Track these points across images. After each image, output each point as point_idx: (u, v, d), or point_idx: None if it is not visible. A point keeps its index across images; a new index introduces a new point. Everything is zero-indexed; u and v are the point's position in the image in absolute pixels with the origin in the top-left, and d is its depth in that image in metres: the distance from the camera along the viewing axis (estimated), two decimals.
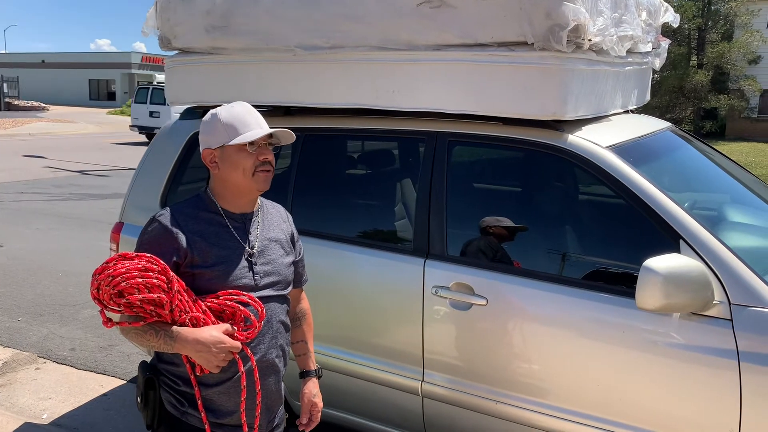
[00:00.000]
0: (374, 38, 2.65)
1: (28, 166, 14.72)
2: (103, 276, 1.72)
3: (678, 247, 2.19)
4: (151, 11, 3.20)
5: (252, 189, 1.91)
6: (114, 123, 32.23)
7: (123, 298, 1.71)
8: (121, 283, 1.70)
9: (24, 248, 7.28)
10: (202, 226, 1.90)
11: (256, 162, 1.87)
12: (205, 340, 1.75)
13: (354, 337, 2.80)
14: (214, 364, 1.78)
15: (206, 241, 1.88)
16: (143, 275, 1.72)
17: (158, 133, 3.47)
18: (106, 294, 1.72)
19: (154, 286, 1.72)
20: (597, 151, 2.42)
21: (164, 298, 1.73)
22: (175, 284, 1.76)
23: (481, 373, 2.52)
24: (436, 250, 2.63)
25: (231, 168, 1.88)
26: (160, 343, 1.77)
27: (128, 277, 1.71)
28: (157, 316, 1.76)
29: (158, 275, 1.73)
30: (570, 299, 2.35)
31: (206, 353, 1.76)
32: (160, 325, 1.77)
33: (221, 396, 1.90)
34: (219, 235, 1.90)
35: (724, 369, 2.09)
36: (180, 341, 1.75)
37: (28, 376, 4.12)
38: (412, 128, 2.79)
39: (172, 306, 1.75)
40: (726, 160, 3.43)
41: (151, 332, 1.77)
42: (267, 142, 1.92)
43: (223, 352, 1.77)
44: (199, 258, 1.86)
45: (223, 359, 1.78)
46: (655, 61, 3.44)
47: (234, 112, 1.89)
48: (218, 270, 1.87)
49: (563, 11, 2.25)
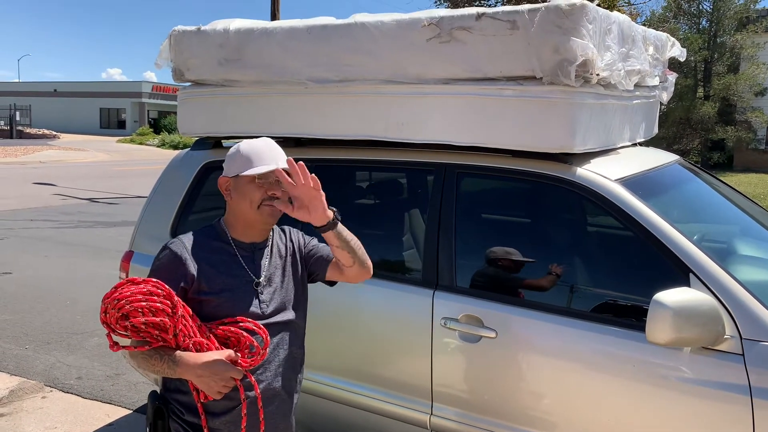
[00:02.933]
0: (384, 72, 2.69)
1: (38, 193, 14.84)
2: (109, 299, 1.75)
3: (688, 281, 2.19)
4: (165, 44, 3.26)
5: (258, 221, 1.95)
6: (124, 151, 32.53)
7: (128, 320, 1.73)
8: (126, 306, 1.73)
9: (33, 275, 7.31)
10: (211, 254, 1.94)
11: (264, 195, 1.91)
12: (207, 365, 1.76)
13: (361, 369, 2.79)
14: (215, 389, 1.79)
15: (214, 269, 1.91)
16: (147, 299, 1.75)
17: (169, 163, 3.51)
18: (113, 317, 1.75)
19: (158, 310, 1.75)
20: (606, 184, 2.43)
21: (167, 322, 1.75)
22: (179, 309, 1.78)
23: (490, 406, 2.50)
24: (445, 281, 2.63)
25: (240, 198, 1.93)
26: (164, 368, 1.79)
27: (133, 300, 1.74)
28: (163, 341, 1.78)
29: (162, 300, 1.76)
30: (580, 332, 2.34)
31: (207, 378, 1.77)
32: (165, 350, 1.79)
33: (228, 425, 1.89)
34: (227, 263, 1.94)
35: (737, 404, 2.06)
36: (182, 366, 1.77)
37: (34, 405, 4.11)
38: (422, 160, 2.82)
39: (175, 330, 1.77)
40: (734, 193, 3.43)
41: (156, 357, 1.79)
42: None
43: (224, 379, 1.78)
44: (206, 285, 1.89)
45: (225, 386, 1.79)
46: (663, 94, 3.46)
47: (254, 145, 1.94)
48: (224, 297, 1.90)
49: (572, 46, 2.29)
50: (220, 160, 3.29)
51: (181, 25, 3.22)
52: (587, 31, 2.31)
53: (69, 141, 38.66)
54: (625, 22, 2.71)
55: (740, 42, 25.10)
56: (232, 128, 3.17)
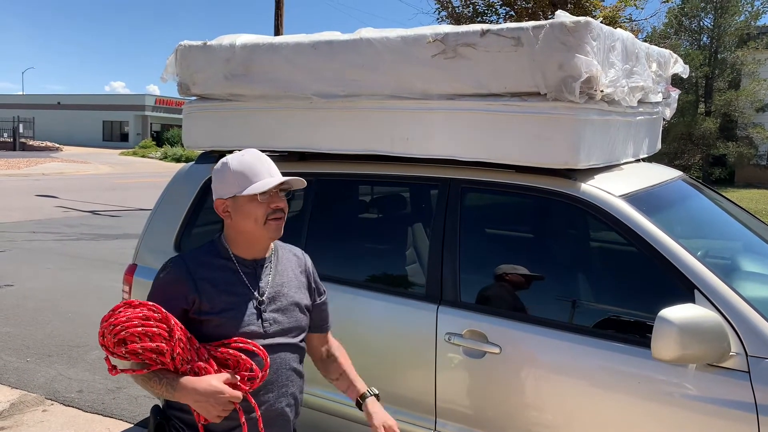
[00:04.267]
0: (389, 87, 2.71)
1: (40, 205, 14.86)
2: (106, 324, 1.74)
3: (693, 297, 2.18)
4: (171, 58, 3.28)
5: (264, 237, 1.92)
6: (126, 164, 32.62)
7: (124, 346, 1.73)
8: (122, 332, 1.72)
9: (34, 288, 7.30)
10: (213, 273, 1.90)
11: (268, 210, 1.88)
12: (204, 390, 1.74)
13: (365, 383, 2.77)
14: (214, 414, 1.76)
15: (215, 288, 1.88)
16: (143, 323, 1.73)
17: (174, 177, 3.52)
18: (110, 342, 1.74)
19: (154, 335, 1.73)
20: (610, 200, 2.44)
21: (164, 346, 1.73)
22: (176, 332, 1.76)
23: (494, 422, 2.49)
24: (449, 296, 2.63)
25: (243, 218, 1.89)
26: (163, 391, 1.77)
27: (129, 326, 1.72)
28: (161, 364, 1.76)
29: (159, 323, 1.74)
30: (585, 348, 2.33)
31: (204, 403, 1.74)
32: (163, 372, 1.77)
33: None
34: (229, 281, 1.91)
35: (742, 422, 2.05)
36: (180, 390, 1.75)
37: (34, 419, 4.09)
38: (426, 174, 2.83)
39: (173, 354, 1.75)
40: (737, 209, 3.43)
41: (155, 380, 1.77)
42: (279, 189, 1.92)
43: (221, 403, 1.75)
44: (208, 304, 1.86)
45: (223, 410, 1.76)
46: (666, 110, 3.48)
47: (244, 161, 1.89)
48: (226, 317, 1.87)
49: (576, 63, 2.30)
50: None
51: (187, 40, 3.24)
52: (591, 48, 2.33)
53: (72, 153, 38.78)
54: (629, 38, 2.73)
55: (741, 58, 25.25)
56: (236, 142, 3.18)
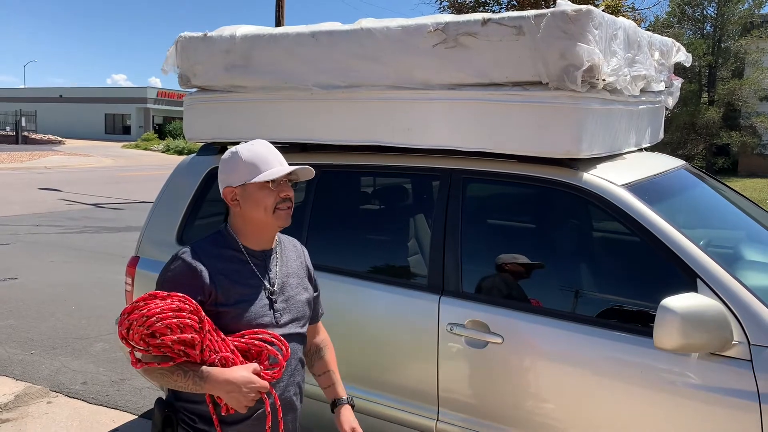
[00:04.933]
0: (390, 77, 2.70)
1: (43, 198, 14.88)
2: (135, 316, 1.71)
3: (695, 286, 2.18)
4: (172, 50, 3.27)
5: (273, 226, 1.93)
6: (129, 156, 32.63)
7: (156, 338, 1.70)
8: (156, 324, 1.69)
9: (38, 280, 7.33)
10: (225, 264, 1.91)
11: (278, 199, 1.89)
12: (236, 380, 1.75)
13: (367, 374, 2.78)
14: (243, 404, 1.77)
15: (229, 279, 1.89)
16: (177, 315, 1.72)
17: (175, 169, 3.52)
18: (137, 334, 1.71)
19: (186, 326, 1.72)
20: (612, 189, 2.43)
21: (197, 338, 1.73)
22: (206, 324, 1.76)
23: (496, 412, 2.49)
24: (451, 286, 2.63)
25: (252, 206, 1.90)
26: (189, 384, 1.76)
27: (163, 317, 1.70)
28: (186, 356, 1.75)
29: (191, 315, 1.74)
30: (587, 338, 2.33)
31: (237, 393, 1.75)
32: (188, 365, 1.76)
33: None
34: (240, 272, 1.91)
35: (745, 411, 2.05)
36: (210, 382, 1.75)
37: (39, 410, 4.11)
38: (427, 165, 2.82)
39: (203, 346, 1.75)
40: (740, 198, 3.42)
41: (179, 372, 1.76)
42: (287, 179, 1.94)
43: (252, 392, 1.77)
44: (223, 296, 1.86)
45: (252, 399, 1.78)
46: (668, 99, 3.46)
47: (255, 150, 1.91)
48: (240, 308, 1.88)
49: (578, 52, 2.29)
50: None
51: (187, 32, 3.23)
52: (593, 37, 2.31)
53: (74, 146, 38.80)
54: (631, 27, 2.71)
55: (744, 47, 25.07)
56: (238, 134, 3.17)
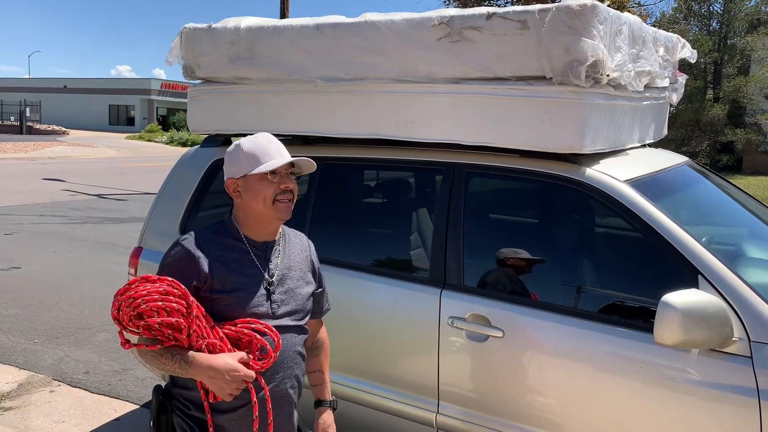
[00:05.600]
0: (394, 71, 2.69)
1: (47, 189, 14.92)
2: (124, 297, 1.75)
3: (696, 283, 2.18)
4: (176, 41, 3.27)
5: (273, 218, 1.94)
6: (133, 148, 32.65)
7: (142, 320, 1.73)
8: (141, 305, 1.72)
9: (41, 270, 7.35)
10: (224, 252, 1.93)
11: (277, 190, 1.90)
12: (219, 367, 1.76)
13: (368, 367, 2.79)
14: (227, 392, 1.78)
15: (227, 267, 1.90)
16: (163, 298, 1.74)
17: (179, 160, 3.53)
18: (126, 315, 1.74)
19: (173, 310, 1.74)
20: (615, 185, 2.43)
21: (182, 322, 1.75)
22: (194, 309, 1.78)
23: (496, 405, 2.50)
24: (452, 280, 2.63)
25: (253, 197, 1.92)
26: (175, 368, 1.79)
27: (149, 299, 1.73)
28: (174, 340, 1.78)
29: (178, 299, 1.76)
30: (587, 333, 2.34)
31: (219, 380, 1.76)
32: (176, 349, 1.78)
33: (233, 423, 1.90)
34: (240, 261, 1.93)
35: (744, 407, 2.06)
36: (194, 366, 1.77)
37: (42, 399, 4.13)
38: (430, 159, 2.82)
39: (189, 331, 1.77)
40: (743, 195, 3.42)
41: (167, 356, 1.78)
42: (289, 171, 1.95)
43: (236, 381, 1.77)
44: (219, 283, 1.88)
45: (236, 388, 1.79)
46: (673, 95, 3.45)
47: (256, 143, 1.93)
48: (237, 296, 1.89)
49: (582, 47, 2.28)
50: None
51: (192, 23, 3.23)
52: (598, 32, 2.31)
53: (78, 137, 38.85)
54: (636, 23, 2.70)
55: (751, 44, 24.97)
56: (241, 126, 3.18)
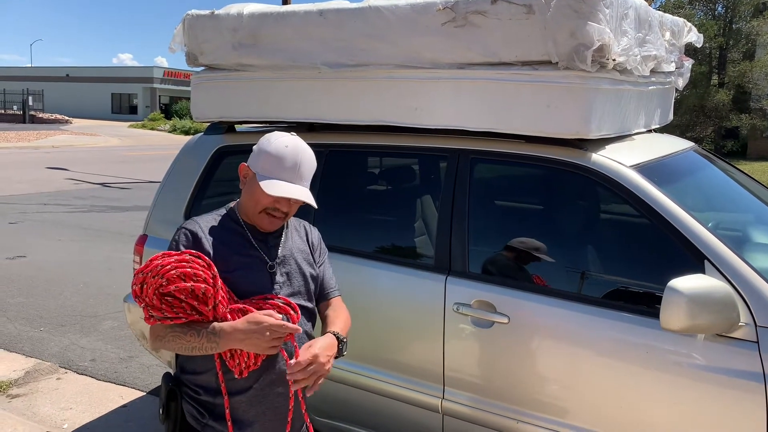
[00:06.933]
0: (398, 56, 2.68)
1: (51, 177, 14.94)
2: (149, 268, 1.75)
3: (703, 268, 2.18)
4: (179, 28, 3.25)
5: (256, 222, 1.96)
6: (135, 136, 32.65)
7: (171, 287, 1.73)
8: (171, 271, 1.73)
9: (46, 259, 7.38)
10: (225, 234, 1.95)
11: (269, 205, 1.92)
12: (257, 318, 1.75)
13: (374, 353, 2.80)
14: (264, 346, 1.77)
15: (227, 248, 1.93)
16: (191, 265, 1.76)
17: (183, 148, 3.52)
18: (151, 287, 1.74)
19: (200, 278, 1.76)
20: (621, 170, 2.42)
21: (210, 290, 1.76)
22: (219, 280, 1.80)
23: (502, 391, 2.51)
24: (457, 267, 2.63)
25: (250, 195, 1.95)
26: (203, 342, 1.78)
27: (177, 266, 1.74)
28: (198, 314, 1.78)
29: (204, 269, 1.78)
30: (593, 318, 2.34)
31: (253, 338, 1.75)
32: (200, 324, 1.79)
33: (242, 404, 1.91)
34: (241, 244, 1.96)
35: (751, 392, 2.06)
36: (225, 334, 1.76)
37: (49, 386, 4.16)
38: (435, 145, 2.81)
39: (216, 301, 1.78)
40: (749, 180, 3.40)
41: (192, 332, 1.78)
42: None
43: (272, 332, 1.75)
44: (222, 263, 1.89)
45: (276, 340, 1.77)
46: (678, 80, 3.43)
47: (282, 153, 1.90)
48: (238, 275, 1.90)
49: (588, 31, 2.26)
50: (234, 144, 3.30)
51: (194, 9, 3.21)
52: (604, 16, 2.29)
53: (81, 126, 38.86)
54: (642, 6, 2.68)
55: (756, 29, 24.70)
56: (245, 113, 3.17)
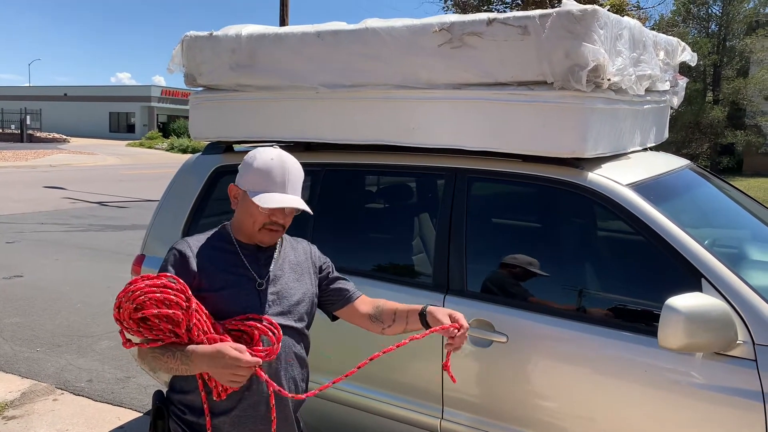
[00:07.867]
0: (395, 77, 2.70)
1: (48, 196, 14.93)
2: (124, 292, 1.77)
3: (700, 286, 2.18)
4: (177, 49, 3.28)
5: (256, 239, 1.97)
6: (133, 155, 32.69)
7: (141, 311, 1.75)
8: (140, 297, 1.75)
9: (43, 278, 7.35)
10: (215, 254, 1.96)
11: (266, 220, 1.93)
12: (223, 349, 1.75)
13: (372, 373, 2.78)
14: (233, 379, 1.77)
15: (214, 266, 1.93)
16: (162, 291, 1.77)
17: (181, 168, 3.53)
18: (126, 312, 1.76)
19: (172, 303, 1.76)
20: (617, 188, 2.43)
21: (180, 315, 1.77)
22: (193, 303, 1.80)
23: (501, 411, 2.50)
24: (455, 285, 2.63)
25: (244, 213, 1.96)
26: (177, 364, 1.79)
27: (147, 291, 1.76)
28: (175, 336, 1.79)
29: (177, 293, 1.78)
30: (591, 337, 2.34)
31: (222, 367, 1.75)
32: (176, 346, 1.80)
33: (225, 425, 1.90)
34: (228, 261, 1.96)
35: (749, 411, 2.05)
36: (197, 356, 1.77)
37: (45, 407, 4.13)
38: (432, 164, 2.82)
39: (189, 324, 1.78)
40: (745, 198, 3.42)
41: (168, 354, 1.80)
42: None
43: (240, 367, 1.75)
44: (206, 282, 1.90)
45: (241, 375, 1.78)
46: (673, 99, 3.46)
47: (268, 166, 1.91)
48: (226, 294, 1.91)
49: (583, 52, 2.29)
50: (232, 164, 3.31)
51: (193, 31, 3.24)
52: (598, 37, 2.31)
53: (79, 145, 38.90)
54: (636, 27, 2.71)
55: (750, 46, 24.96)
56: (243, 133, 3.19)
